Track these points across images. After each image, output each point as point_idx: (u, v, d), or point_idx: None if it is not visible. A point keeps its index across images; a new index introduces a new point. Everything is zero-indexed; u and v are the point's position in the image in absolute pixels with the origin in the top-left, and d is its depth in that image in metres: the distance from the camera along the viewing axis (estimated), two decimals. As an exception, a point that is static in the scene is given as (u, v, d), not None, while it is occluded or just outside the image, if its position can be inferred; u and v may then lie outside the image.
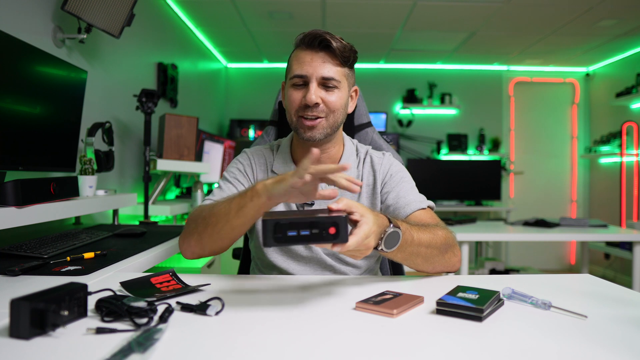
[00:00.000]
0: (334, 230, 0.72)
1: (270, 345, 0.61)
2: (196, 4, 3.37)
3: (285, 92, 1.11)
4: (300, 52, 1.07)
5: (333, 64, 1.06)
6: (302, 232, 0.72)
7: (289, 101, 1.08)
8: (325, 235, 0.72)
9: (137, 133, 2.69)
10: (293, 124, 1.10)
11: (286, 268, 1.13)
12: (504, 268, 3.73)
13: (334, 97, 1.06)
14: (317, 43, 1.04)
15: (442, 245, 0.99)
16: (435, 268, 1.02)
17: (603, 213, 4.89)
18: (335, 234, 0.72)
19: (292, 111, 1.08)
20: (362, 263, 1.16)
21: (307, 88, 1.05)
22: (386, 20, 3.69)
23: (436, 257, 0.98)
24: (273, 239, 0.72)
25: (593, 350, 0.60)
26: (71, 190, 1.63)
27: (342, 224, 0.72)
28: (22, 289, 0.89)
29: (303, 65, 1.05)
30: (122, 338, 0.61)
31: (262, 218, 0.73)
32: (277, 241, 0.72)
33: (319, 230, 0.72)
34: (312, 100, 1.03)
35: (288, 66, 1.11)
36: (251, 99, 5.12)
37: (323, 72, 1.04)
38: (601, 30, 3.84)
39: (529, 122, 5.29)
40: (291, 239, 0.72)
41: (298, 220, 0.72)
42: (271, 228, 0.72)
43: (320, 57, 1.05)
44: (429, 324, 0.70)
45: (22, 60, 1.44)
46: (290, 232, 0.71)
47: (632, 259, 2.67)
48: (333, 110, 1.07)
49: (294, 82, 1.07)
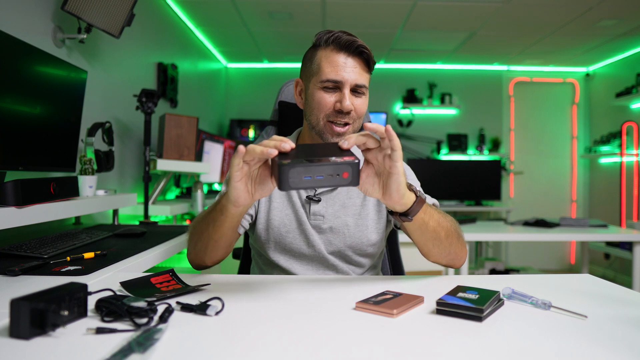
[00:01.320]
0: (347, 174, 0.75)
1: (271, 345, 0.61)
2: (196, 4, 3.37)
3: (310, 93, 1.08)
4: (333, 54, 1.04)
5: (364, 70, 1.06)
6: (317, 177, 0.74)
7: (319, 104, 1.05)
8: (339, 179, 0.75)
9: (137, 133, 2.69)
10: (319, 127, 1.07)
11: (288, 268, 1.12)
12: (504, 268, 3.73)
13: (360, 102, 1.06)
14: (354, 48, 1.03)
15: (453, 231, 1.00)
16: (441, 253, 1.02)
17: (603, 213, 4.89)
18: (348, 177, 0.75)
19: (321, 115, 1.05)
20: (366, 261, 1.16)
21: (339, 93, 1.04)
22: (386, 20, 3.69)
23: (445, 240, 0.99)
24: (289, 183, 0.74)
25: (593, 350, 0.60)
26: (71, 190, 1.63)
27: (355, 168, 0.75)
28: (22, 289, 0.89)
29: (338, 70, 1.03)
30: (122, 338, 0.61)
31: (279, 163, 0.74)
32: (293, 186, 0.74)
33: (333, 174, 0.74)
34: (348, 108, 1.03)
35: (315, 65, 1.06)
36: (251, 99, 5.12)
37: (357, 79, 1.04)
38: (601, 30, 3.84)
39: (529, 122, 5.29)
40: (306, 182, 0.74)
41: (314, 165, 0.74)
42: (287, 172, 0.73)
43: (354, 62, 1.04)
44: (429, 324, 0.70)
45: (22, 60, 1.44)
46: (306, 177, 0.74)
47: (632, 259, 2.67)
48: (360, 115, 1.07)
49: (325, 85, 1.04)
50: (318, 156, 0.76)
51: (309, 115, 1.09)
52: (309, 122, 1.10)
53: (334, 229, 1.11)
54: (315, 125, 1.08)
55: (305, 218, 1.11)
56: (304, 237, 1.11)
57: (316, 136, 1.09)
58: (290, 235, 1.11)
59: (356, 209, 1.14)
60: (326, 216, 1.12)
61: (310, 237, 1.11)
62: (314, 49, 1.09)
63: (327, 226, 1.11)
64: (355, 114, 1.06)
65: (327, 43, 1.05)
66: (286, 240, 1.11)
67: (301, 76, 1.13)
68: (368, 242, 1.13)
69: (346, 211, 1.12)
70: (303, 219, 1.11)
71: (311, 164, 0.73)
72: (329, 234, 1.12)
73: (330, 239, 1.12)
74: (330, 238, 1.12)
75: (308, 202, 1.12)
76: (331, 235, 1.12)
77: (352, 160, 0.75)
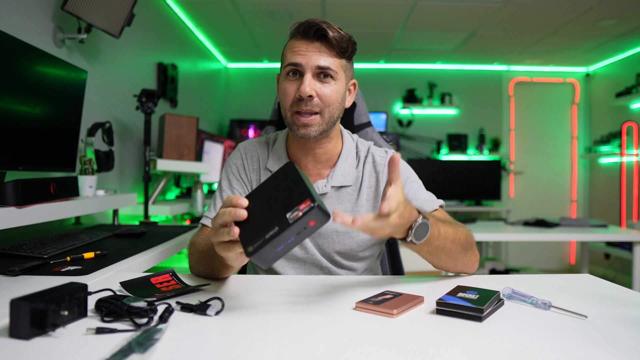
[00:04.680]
0: (313, 222, 0.69)
1: (271, 345, 0.61)
2: (196, 4, 3.37)
3: (279, 85, 1.06)
4: (295, 42, 1.02)
5: (329, 54, 1.00)
6: (288, 242, 0.69)
7: (283, 94, 1.03)
8: (310, 229, 0.69)
9: (137, 133, 2.69)
10: (287, 119, 1.04)
11: (280, 271, 1.11)
12: (504, 268, 3.73)
13: (328, 89, 1.00)
14: (313, 32, 0.99)
15: (464, 242, 0.98)
16: (456, 265, 1.00)
17: (603, 213, 4.89)
18: (316, 222, 0.69)
19: (287, 105, 1.02)
20: (359, 265, 1.13)
21: (301, 80, 1.00)
22: (386, 20, 3.69)
23: (459, 253, 0.97)
24: (267, 262, 0.70)
25: (593, 350, 0.60)
26: (71, 190, 1.63)
27: (316, 211, 0.68)
28: (22, 289, 0.89)
29: (297, 55, 1.00)
30: (122, 338, 0.61)
31: (244, 251, 0.69)
32: (272, 261, 0.70)
33: (300, 231, 0.69)
34: (305, 92, 0.97)
35: (282, 57, 1.05)
36: (251, 99, 5.12)
37: (318, 61, 0.99)
38: (601, 30, 3.84)
39: (529, 122, 5.29)
40: (283, 251, 0.70)
41: (276, 238, 0.68)
42: (257, 258, 0.69)
43: (316, 47, 1.00)
44: (429, 324, 0.70)
45: (22, 60, 1.44)
46: (278, 248, 0.69)
47: (632, 259, 2.67)
48: (328, 104, 1.01)
49: (287, 70, 1.01)
50: (273, 215, 0.69)
51: (282, 110, 1.06)
52: (284, 117, 1.06)
53: (322, 235, 1.09)
54: (285, 119, 1.05)
55: None
56: None
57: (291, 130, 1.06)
58: None
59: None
60: None
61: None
62: (287, 42, 1.07)
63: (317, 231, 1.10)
64: (321, 101, 1.00)
65: (293, 34, 1.04)
66: None
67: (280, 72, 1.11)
68: (358, 248, 1.10)
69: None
70: None
71: (274, 237, 0.67)
72: (318, 239, 1.09)
73: (320, 243, 1.10)
74: (319, 242, 1.09)
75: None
76: (320, 240, 1.09)
77: (307, 208, 0.68)
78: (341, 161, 1.12)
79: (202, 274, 0.98)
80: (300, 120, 1.01)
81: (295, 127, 1.02)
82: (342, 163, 1.12)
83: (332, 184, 1.10)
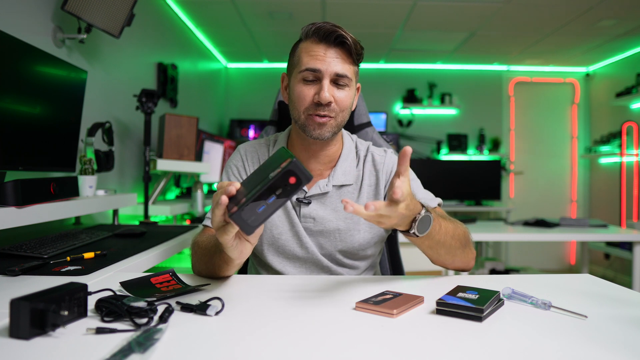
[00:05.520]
0: (294, 179, 0.70)
1: (271, 345, 0.61)
2: (196, 4, 3.37)
3: (291, 86, 1.05)
4: (312, 45, 1.01)
5: (347, 61, 1.02)
6: (269, 201, 0.70)
7: (298, 97, 1.03)
8: (291, 188, 0.70)
9: (137, 133, 2.69)
10: (300, 121, 1.04)
11: (281, 270, 1.11)
12: (504, 268, 3.73)
13: (343, 94, 1.02)
14: (333, 38, 0.99)
15: (463, 238, 1.00)
16: (454, 262, 1.02)
17: (603, 213, 4.89)
18: (297, 180, 0.70)
19: (301, 108, 1.03)
20: (361, 264, 1.14)
21: (318, 85, 1.01)
22: (386, 20, 3.69)
23: (458, 249, 0.99)
24: (249, 224, 0.70)
25: (593, 350, 0.60)
26: (71, 190, 1.63)
27: (295, 167, 0.69)
28: (22, 289, 0.89)
29: (316, 60, 1.00)
30: (122, 338, 0.61)
31: (228, 214, 0.71)
32: (255, 224, 0.70)
33: (281, 188, 0.70)
34: (326, 99, 0.99)
35: (295, 58, 1.05)
36: (251, 99, 5.12)
37: (337, 69, 1.00)
38: (601, 30, 3.84)
39: (529, 122, 5.29)
40: (265, 212, 0.70)
41: (258, 194, 0.69)
42: (238, 219, 0.69)
43: (335, 52, 1.01)
44: (429, 324, 0.70)
45: (22, 60, 1.44)
46: (260, 208, 0.69)
47: (632, 259, 2.67)
48: (343, 109, 1.03)
49: (304, 76, 1.01)
50: (258, 180, 0.71)
51: (292, 110, 1.07)
52: (292, 116, 1.08)
53: (324, 233, 1.09)
54: (297, 120, 1.06)
55: (297, 220, 1.10)
56: (297, 238, 1.10)
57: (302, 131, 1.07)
58: (283, 237, 1.10)
59: (348, 213, 1.12)
60: (317, 219, 1.09)
61: (302, 239, 1.09)
62: (297, 43, 1.07)
63: (318, 229, 1.09)
64: (336, 106, 1.02)
65: (308, 35, 1.03)
66: (279, 242, 1.10)
67: (287, 71, 1.11)
68: (360, 246, 1.10)
69: (338, 215, 1.10)
70: (295, 221, 1.09)
71: (254, 195, 0.69)
72: (319, 237, 1.10)
73: (321, 242, 1.10)
74: (321, 241, 1.10)
75: (298, 205, 1.10)
76: (322, 238, 1.10)
77: (287, 164, 0.69)
78: (342, 161, 1.13)
79: (204, 272, 0.98)
80: (316, 120, 1.02)
81: (311, 128, 1.03)
82: (342, 162, 1.13)
83: (334, 183, 1.11)
